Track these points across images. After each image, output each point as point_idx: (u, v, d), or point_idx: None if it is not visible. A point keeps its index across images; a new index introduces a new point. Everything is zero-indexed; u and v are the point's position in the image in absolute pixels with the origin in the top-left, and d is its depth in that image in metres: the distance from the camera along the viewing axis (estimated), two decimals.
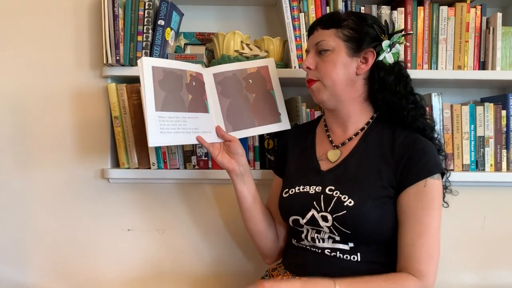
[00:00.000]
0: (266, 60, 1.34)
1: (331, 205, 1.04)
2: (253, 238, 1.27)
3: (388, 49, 1.11)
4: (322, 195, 1.06)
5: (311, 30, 1.15)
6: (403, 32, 1.15)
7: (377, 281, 1.00)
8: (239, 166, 1.20)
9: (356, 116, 1.14)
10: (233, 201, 1.28)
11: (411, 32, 1.41)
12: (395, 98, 1.09)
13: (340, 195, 1.04)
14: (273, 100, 1.31)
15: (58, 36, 1.46)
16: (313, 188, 1.10)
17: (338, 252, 1.07)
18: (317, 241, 1.09)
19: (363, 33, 1.09)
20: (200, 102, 1.25)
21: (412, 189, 1.03)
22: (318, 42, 1.11)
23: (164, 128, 1.15)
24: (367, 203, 1.02)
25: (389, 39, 1.11)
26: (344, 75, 1.09)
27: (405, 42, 1.38)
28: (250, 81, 1.31)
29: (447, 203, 1.12)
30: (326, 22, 1.11)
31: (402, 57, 1.38)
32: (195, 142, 1.19)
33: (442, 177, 1.08)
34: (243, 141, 1.37)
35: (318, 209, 1.06)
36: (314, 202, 1.07)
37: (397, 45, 1.13)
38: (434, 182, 1.03)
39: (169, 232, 1.49)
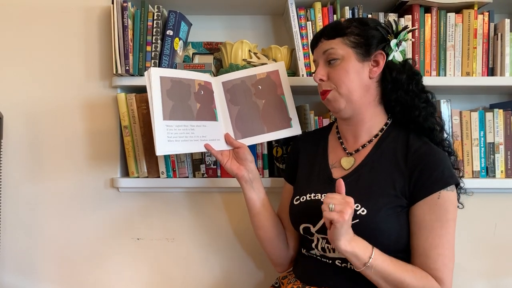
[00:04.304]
0: (276, 64, 1.34)
1: None
2: (263, 246, 1.27)
3: (396, 48, 1.11)
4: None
5: (315, 42, 1.15)
6: (408, 29, 1.15)
7: (406, 266, 1.00)
8: (248, 172, 1.21)
9: (370, 121, 1.13)
10: (243, 209, 1.28)
11: (415, 27, 1.41)
12: (408, 97, 1.09)
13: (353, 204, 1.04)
14: (284, 105, 1.31)
15: (68, 47, 1.48)
16: (325, 196, 1.09)
17: (349, 263, 1.06)
18: (327, 251, 1.09)
19: (369, 37, 1.09)
20: (209, 111, 1.26)
21: (426, 201, 1.02)
22: (326, 51, 1.10)
23: (172, 137, 1.16)
24: (380, 212, 1.01)
25: (395, 37, 1.11)
26: (358, 81, 1.08)
27: (410, 38, 1.38)
28: (260, 87, 1.31)
29: (462, 204, 1.11)
30: (329, 32, 1.11)
31: (409, 55, 1.39)
32: (203, 150, 1.20)
33: (457, 187, 1.07)
34: (252, 149, 1.38)
35: None
36: None
37: (403, 42, 1.13)
38: (448, 194, 1.02)
39: (178, 240, 1.49)
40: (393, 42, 1.10)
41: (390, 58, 1.11)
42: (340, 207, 0.93)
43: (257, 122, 1.29)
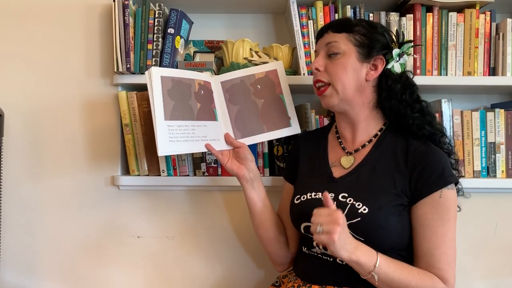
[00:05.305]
0: (274, 64, 1.34)
1: (345, 212, 1.03)
2: (263, 245, 1.27)
3: (397, 58, 1.12)
4: (335, 202, 1.06)
5: (321, 33, 1.15)
6: (413, 43, 1.16)
7: (411, 269, 1.01)
8: (249, 171, 1.21)
9: (366, 121, 1.14)
10: (243, 208, 1.28)
11: (421, 44, 1.41)
12: (401, 107, 1.10)
13: (354, 202, 1.04)
14: (283, 104, 1.31)
15: (69, 45, 1.48)
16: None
17: None
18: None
19: (374, 40, 1.09)
20: (209, 110, 1.25)
21: (428, 200, 1.02)
22: (329, 43, 1.11)
23: (173, 137, 1.16)
24: (382, 210, 1.02)
25: (399, 48, 1.12)
26: (354, 80, 1.09)
27: (412, 54, 1.38)
28: (259, 86, 1.31)
29: (459, 207, 1.11)
30: (337, 26, 1.12)
31: (409, 68, 1.39)
32: (204, 150, 1.20)
33: (456, 186, 1.07)
34: (252, 148, 1.38)
35: None
36: None
37: (405, 55, 1.14)
38: (449, 193, 1.02)
39: (178, 239, 1.49)
40: (395, 51, 1.11)
41: (389, 66, 1.11)
42: (328, 228, 0.92)
43: (257, 122, 1.29)
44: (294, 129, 1.31)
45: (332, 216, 0.93)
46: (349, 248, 0.94)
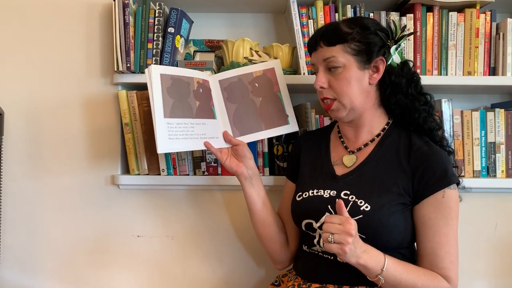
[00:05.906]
0: (272, 62, 1.34)
1: (347, 209, 1.03)
2: (263, 243, 1.27)
3: (395, 52, 1.11)
4: (337, 199, 1.06)
5: (313, 45, 1.12)
6: (407, 32, 1.14)
7: (418, 271, 1.02)
8: (247, 169, 1.21)
9: (371, 122, 1.14)
10: (243, 207, 1.28)
11: (416, 31, 1.40)
12: (407, 101, 1.10)
13: (356, 200, 1.04)
14: (280, 103, 1.31)
15: (69, 44, 1.48)
16: (327, 192, 1.10)
17: None
18: None
19: (371, 44, 1.07)
20: (207, 109, 1.26)
21: (431, 200, 1.03)
22: (327, 59, 1.08)
23: (173, 134, 1.16)
24: (384, 208, 1.02)
25: (395, 43, 1.11)
26: (359, 90, 1.08)
27: (408, 38, 1.37)
28: (256, 84, 1.32)
29: (460, 197, 1.10)
30: (330, 38, 1.08)
31: (411, 54, 1.39)
32: (203, 147, 1.21)
33: (458, 186, 1.08)
34: (252, 147, 1.38)
35: (333, 213, 1.06)
36: (329, 206, 1.07)
37: (401, 43, 1.13)
38: (451, 192, 1.03)
39: (178, 238, 1.49)
40: (392, 49, 1.10)
41: (389, 62, 1.10)
42: (339, 238, 0.92)
43: (255, 120, 1.30)
44: (292, 127, 1.31)
45: (344, 226, 0.93)
46: (358, 253, 0.95)
